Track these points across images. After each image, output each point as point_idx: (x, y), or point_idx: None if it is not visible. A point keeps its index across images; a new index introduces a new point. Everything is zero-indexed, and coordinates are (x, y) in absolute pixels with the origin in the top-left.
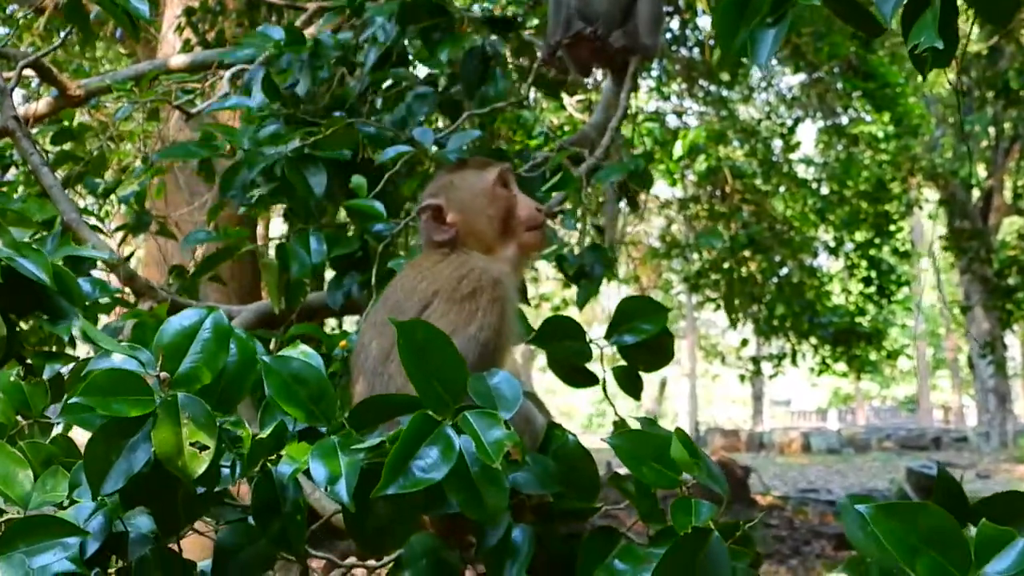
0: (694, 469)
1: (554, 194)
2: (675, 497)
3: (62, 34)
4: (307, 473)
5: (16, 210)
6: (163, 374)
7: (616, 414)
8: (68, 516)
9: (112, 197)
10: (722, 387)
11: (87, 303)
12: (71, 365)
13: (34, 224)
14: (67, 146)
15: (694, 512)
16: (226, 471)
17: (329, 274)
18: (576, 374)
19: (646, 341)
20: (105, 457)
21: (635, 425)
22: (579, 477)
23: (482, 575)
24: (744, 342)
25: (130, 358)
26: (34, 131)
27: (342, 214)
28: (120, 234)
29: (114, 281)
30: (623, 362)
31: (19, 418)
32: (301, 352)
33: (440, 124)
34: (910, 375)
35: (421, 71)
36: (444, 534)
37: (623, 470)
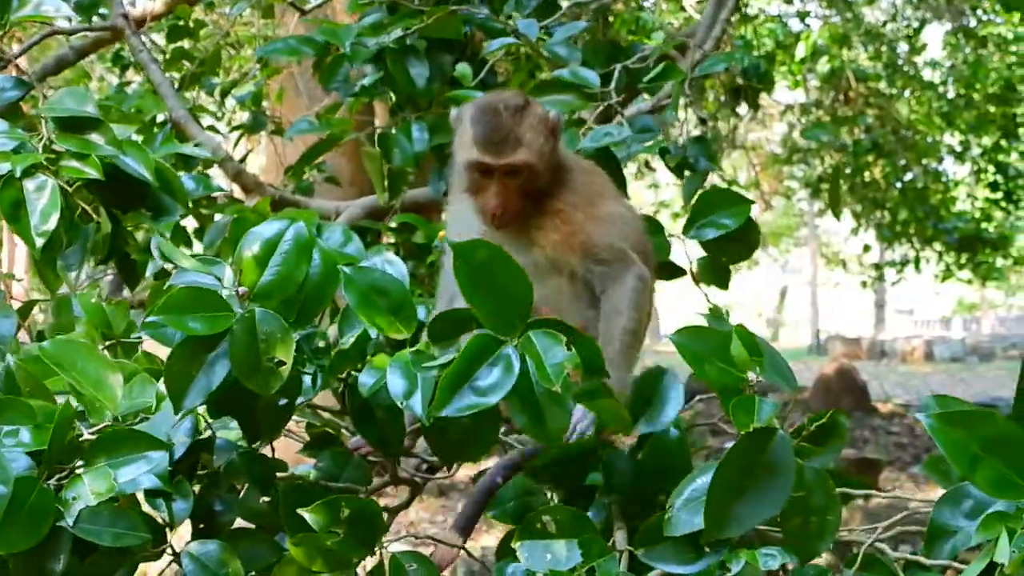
0: (754, 366)
1: (665, 86)
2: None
3: None
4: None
5: (118, 107)
6: (242, 289)
7: (709, 302)
8: (153, 425)
9: (228, 97)
10: (844, 296)
11: (190, 200)
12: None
13: (138, 120)
14: (183, 43)
15: (756, 411)
16: (308, 380)
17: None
18: (660, 268)
19: (728, 233)
20: (184, 373)
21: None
22: (673, 475)
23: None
24: (866, 248)
25: (207, 274)
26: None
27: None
28: (236, 134)
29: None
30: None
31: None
32: (385, 259)
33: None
34: None
35: None
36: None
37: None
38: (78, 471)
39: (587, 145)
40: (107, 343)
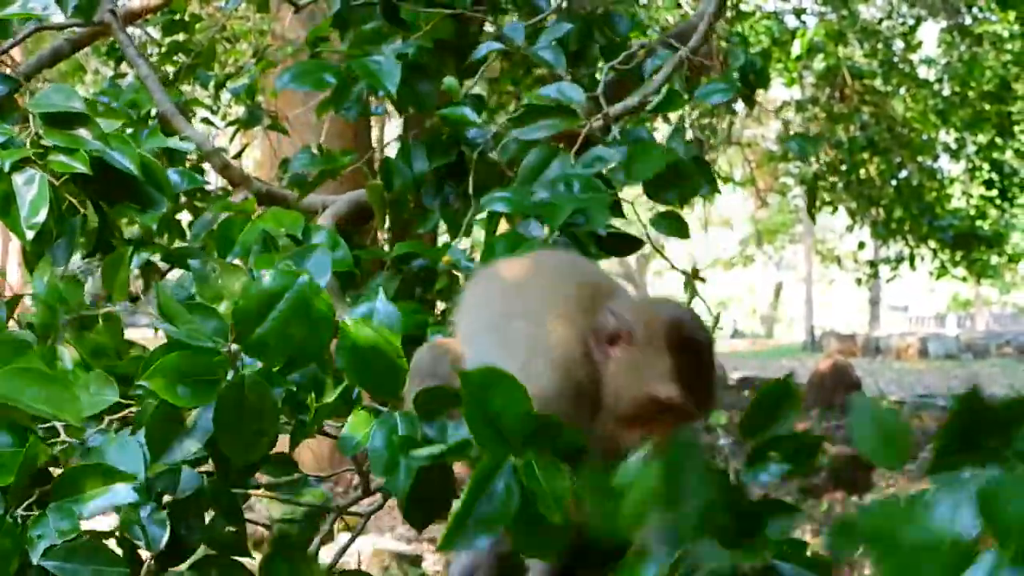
0: None
1: (655, 78)
2: None
3: None
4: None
5: (113, 98)
6: (234, 347)
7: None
8: (123, 448)
9: (223, 91)
10: (839, 292)
11: (179, 193)
12: (158, 254)
13: (124, 115)
14: (179, 37)
15: None
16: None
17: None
18: (615, 243)
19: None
20: (165, 434)
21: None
22: None
23: None
24: (861, 245)
25: (201, 339)
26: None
27: None
28: (231, 129)
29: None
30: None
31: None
32: (382, 316)
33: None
34: None
35: None
36: None
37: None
38: (45, 509)
39: (579, 172)
40: (67, 317)
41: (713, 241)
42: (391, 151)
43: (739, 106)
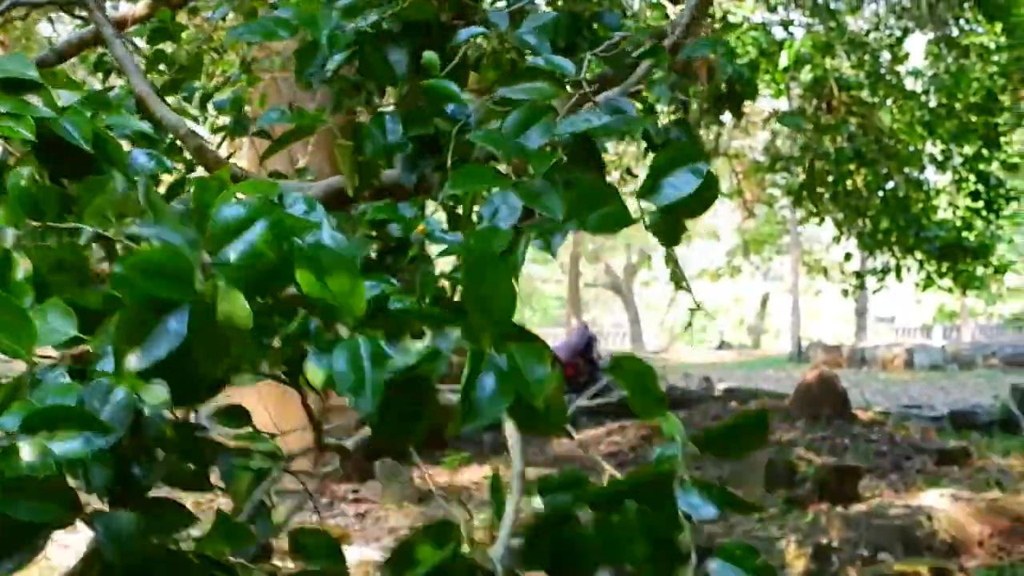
0: None
1: (638, 68)
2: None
3: None
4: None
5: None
6: (207, 259)
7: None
8: (92, 390)
9: (209, 103)
10: (825, 303)
11: (147, 175)
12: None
13: (83, 87)
14: (165, 46)
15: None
16: None
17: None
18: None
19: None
20: (133, 335)
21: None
22: None
23: None
24: (848, 256)
25: (180, 234)
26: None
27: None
28: (218, 137)
29: None
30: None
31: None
32: (331, 234)
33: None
34: (1018, 292)
35: None
36: None
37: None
38: (17, 441)
39: (564, 130)
40: (36, 225)
41: (700, 252)
42: None
43: (726, 117)
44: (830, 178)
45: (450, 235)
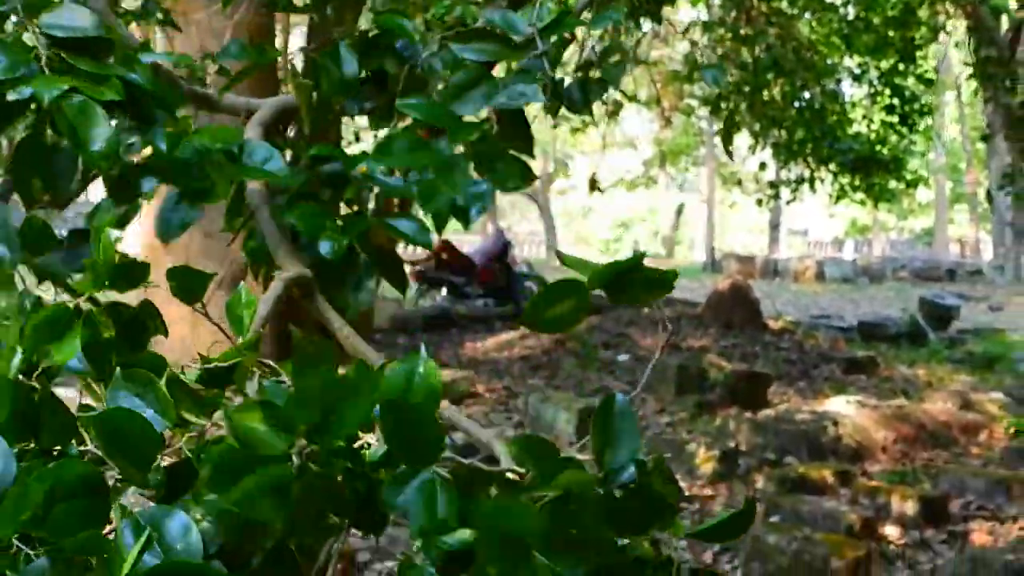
0: None
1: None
2: None
3: None
4: None
5: None
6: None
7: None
8: None
9: None
10: (740, 215)
11: None
12: None
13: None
14: None
15: None
16: None
17: None
18: None
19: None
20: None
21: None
22: None
23: None
24: (763, 166)
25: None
26: None
27: None
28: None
29: None
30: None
31: None
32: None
33: None
34: (928, 208)
35: None
36: None
37: None
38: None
39: (502, 103)
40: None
41: (616, 162)
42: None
43: (646, 26)
44: (747, 88)
45: (392, 179)
